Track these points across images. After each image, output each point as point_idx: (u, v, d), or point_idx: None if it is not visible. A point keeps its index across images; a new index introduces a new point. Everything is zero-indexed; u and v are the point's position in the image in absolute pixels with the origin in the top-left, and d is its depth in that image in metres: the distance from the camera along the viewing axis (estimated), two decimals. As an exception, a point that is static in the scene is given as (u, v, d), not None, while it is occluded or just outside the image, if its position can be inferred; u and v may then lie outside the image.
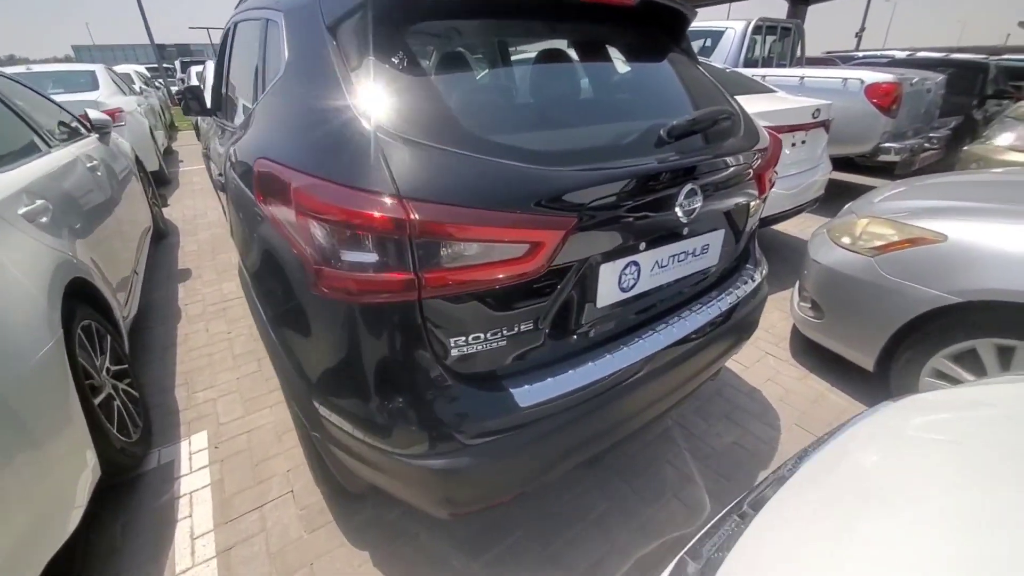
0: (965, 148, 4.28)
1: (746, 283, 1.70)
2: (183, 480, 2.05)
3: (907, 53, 7.92)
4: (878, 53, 8.87)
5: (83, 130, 3.59)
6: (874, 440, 0.93)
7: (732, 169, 1.45)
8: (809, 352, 2.72)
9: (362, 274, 0.97)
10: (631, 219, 1.21)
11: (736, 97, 1.72)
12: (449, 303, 1.04)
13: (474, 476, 1.12)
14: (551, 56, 1.62)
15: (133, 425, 2.16)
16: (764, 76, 5.02)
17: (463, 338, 1.09)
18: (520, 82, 1.62)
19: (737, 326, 1.63)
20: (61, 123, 3.47)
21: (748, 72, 5.04)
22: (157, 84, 15.76)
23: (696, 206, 1.32)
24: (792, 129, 3.51)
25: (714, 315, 1.53)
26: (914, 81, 5.01)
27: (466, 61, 1.40)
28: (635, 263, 1.30)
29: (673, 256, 1.41)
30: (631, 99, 1.62)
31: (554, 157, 1.11)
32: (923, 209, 2.22)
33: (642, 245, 1.30)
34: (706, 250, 1.51)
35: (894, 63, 7.38)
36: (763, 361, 2.69)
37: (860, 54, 9.92)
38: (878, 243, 2.18)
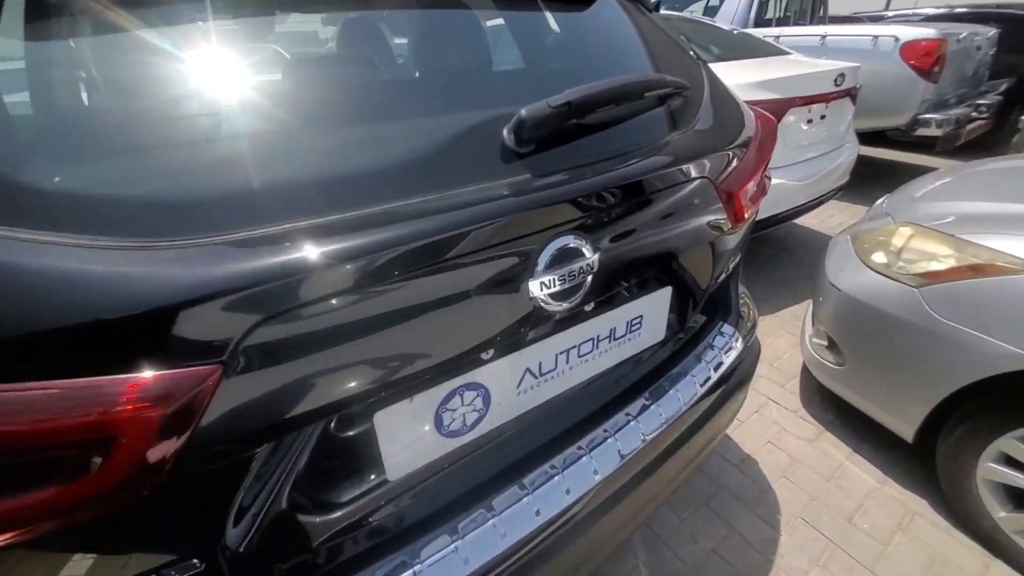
0: (1025, 117, 3.49)
1: (715, 357, 1.07)
2: None
3: (943, 10, 6.88)
4: (910, 12, 7.82)
5: None
6: None
7: (674, 192, 0.82)
8: (825, 399, 2.08)
9: None
10: (424, 324, 0.60)
11: (734, 63, 1.08)
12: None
13: None
14: None
15: None
16: (778, 37, 4.25)
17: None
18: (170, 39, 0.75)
19: (699, 429, 1.02)
20: None
21: (759, 33, 4.27)
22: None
23: (586, 274, 0.69)
24: (808, 101, 2.78)
25: (652, 428, 0.92)
26: (961, 37, 4.17)
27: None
28: (473, 387, 0.69)
29: (568, 351, 0.79)
30: (446, 71, 0.97)
31: (197, 211, 0.50)
32: (990, 216, 1.56)
33: (486, 353, 0.68)
34: (636, 326, 0.89)
35: (930, 19, 6.40)
36: (763, 412, 2.06)
37: (890, 13, 8.82)
38: (926, 267, 1.53)
